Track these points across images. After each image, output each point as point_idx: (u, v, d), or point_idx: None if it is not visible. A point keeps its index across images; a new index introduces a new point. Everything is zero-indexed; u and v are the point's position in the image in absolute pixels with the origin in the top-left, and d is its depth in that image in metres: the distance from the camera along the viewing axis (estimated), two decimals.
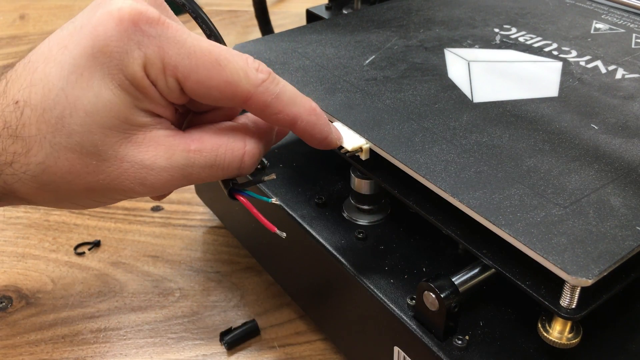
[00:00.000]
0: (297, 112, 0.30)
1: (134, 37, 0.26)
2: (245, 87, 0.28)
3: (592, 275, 0.27)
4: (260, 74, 0.29)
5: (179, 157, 0.28)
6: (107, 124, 0.27)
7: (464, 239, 0.32)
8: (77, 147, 0.27)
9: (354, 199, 0.42)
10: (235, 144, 0.30)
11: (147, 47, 0.26)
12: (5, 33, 0.96)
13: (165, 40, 0.27)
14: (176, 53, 0.27)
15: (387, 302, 0.35)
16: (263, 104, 0.29)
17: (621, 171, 0.33)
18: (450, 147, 0.35)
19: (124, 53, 0.26)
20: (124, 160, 0.27)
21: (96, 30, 0.26)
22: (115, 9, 0.26)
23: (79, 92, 0.26)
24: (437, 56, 0.45)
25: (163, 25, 0.27)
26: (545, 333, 0.31)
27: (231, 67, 0.28)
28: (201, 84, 0.28)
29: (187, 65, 0.27)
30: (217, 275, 0.54)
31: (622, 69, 0.43)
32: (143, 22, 0.26)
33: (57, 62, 0.26)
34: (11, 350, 0.47)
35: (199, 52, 0.27)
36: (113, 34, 0.26)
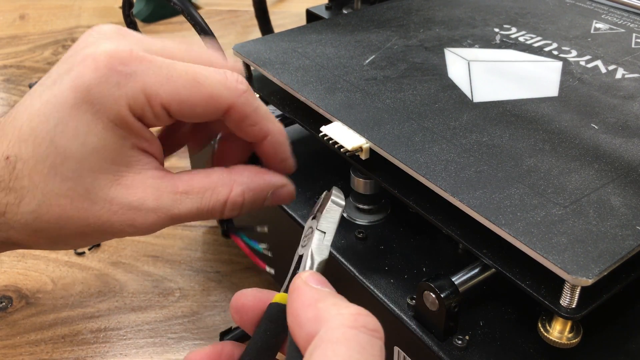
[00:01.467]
0: (271, 129, 0.31)
1: (112, 79, 0.27)
2: (227, 98, 0.29)
3: (592, 275, 0.26)
4: (240, 85, 0.30)
5: (166, 198, 0.29)
6: (97, 168, 0.28)
7: (464, 239, 0.32)
8: (69, 193, 0.28)
9: (354, 199, 0.42)
10: (222, 188, 0.31)
11: (126, 86, 0.27)
12: (5, 33, 0.96)
13: (141, 74, 0.27)
14: (155, 82, 0.28)
15: (387, 302, 0.35)
16: (243, 114, 0.30)
17: (621, 171, 0.33)
18: (450, 147, 0.35)
19: (105, 97, 0.27)
20: (113, 203, 0.28)
21: (75, 82, 0.27)
22: (90, 57, 0.27)
23: (68, 142, 0.27)
24: (437, 56, 0.45)
25: (136, 60, 0.28)
26: (545, 333, 0.31)
27: (210, 82, 0.29)
28: (185, 104, 0.28)
29: (168, 90, 0.28)
30: (217, 275, 0.54)
31: (622, 68, 0.43)
32: (117, 63, 0.27)
33: (42, 117, 0.27)
34: (11, 350, 0.47)
35: (176, 75, 0.28)
36: (92, 82, 0.27)
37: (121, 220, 0.29)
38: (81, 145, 0.27)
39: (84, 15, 1.02)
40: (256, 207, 0.32)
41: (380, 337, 0.23)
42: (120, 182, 0.28)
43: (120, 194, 0.28)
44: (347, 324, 0.23)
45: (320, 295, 0.25)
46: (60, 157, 0.27)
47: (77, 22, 1.00)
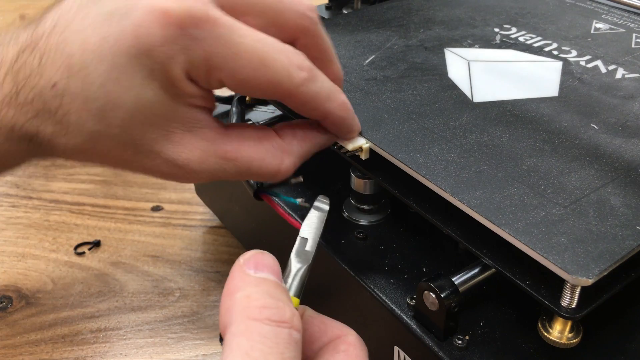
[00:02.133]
0: (330, 108, 0.31)
1: (180, 41, 0.26)
2: (288, 86, 0.28)
3: (593, 275, 0.26)
4: (302, 73, 0.29)
5: (212, 162, 0.29)
6: (147, 122, 0.27)
7: (464, 239, 0.32)
8: (116, 138, 0.27)
9: (354, 199, 0.42)
10: (272, 160, 0.30)
11: (192, 52, 0.26)
12: None
13: (211, 43, 0.26)
14: (222, 55, 0.26)
15: (387, 302, 0.35)
16: (302, 101, 0.30)
17: (621, 171, 0.33)
18: (450, 147, 0.35)
19: (168, 58, 0.26)
20: (159, 156, 0.28)
21: (139, 31, 0.25)
22: (160, 9, 0.25)
23: (120, 91, 0.26)
24: (437, 56, 0.45)
25: (210, 24, 0.26)
26: (545, 333, 0.31)
27: (275, 67, 0.28)
28: (245, 83, 0.28)
29: (232, 67, 0.27)
30: (217, 275, 0.54)
31: (622, 68, 0.43)
32: (189, 24, 0.25)
33: (95, 54, 0.26)
34: (11, 350, 0.47)
35: (244, 53, 0.27)
36: (157, 39, 0.25)
37: (163, 172, 0.29)
38: (135, 97, 0.26)
39: None
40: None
41: (288, 327, 0.24)
42: (169, 138, 0.28)
43: (167, 150, 0.28)
44: (251, 316, 0.23)
45: (243, 283, 0.25)
46: (111, 104, 0.26)
47: None
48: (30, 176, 0.67)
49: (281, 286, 0.26)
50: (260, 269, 0.26)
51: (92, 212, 0.61)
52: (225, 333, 0.24)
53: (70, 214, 0.61)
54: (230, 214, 0.54)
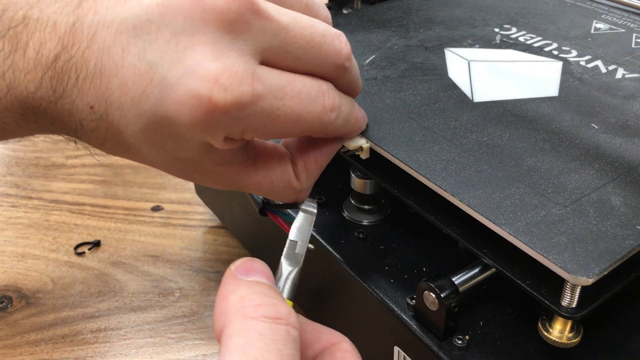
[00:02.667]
0: (345, 132, 0.32)
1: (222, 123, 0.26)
2: (317, 129, 0.30)
3: (593, 275, 0.26)
4: (332, 114, 0.29)
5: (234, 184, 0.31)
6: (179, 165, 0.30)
7: (464, 239, 0.32)
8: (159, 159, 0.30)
9: (354, 199, 0.42)
10: (288, 197, 0.32)
11: (233, 127, 0.27)
12: None
13: (254, 117, 0.26)
14: (261, 124, 0.27)
15: (387, 302, 0.35)
16: (324, 134, 0.31)
17: (621, 170, 0.33)
18: (451, 147, 0.35)
19: (207, 136, 0.27)
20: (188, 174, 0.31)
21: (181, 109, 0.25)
22: (206, 97, 0.25)
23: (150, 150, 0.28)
24: (437, 56, 0.45)
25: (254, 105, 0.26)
26: (545, 332, 0.31)
27: (310, 120, 0.28)
28: (276, 136, 0.29)
29: (270, 129, 0.28)
30: (217, 275, 0.54)
31: (622, 68, 0.43)
32: (236, 110, 0.26)
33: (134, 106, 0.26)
34: (11, 350, 0.47)
35: (283, 116, 0.27)
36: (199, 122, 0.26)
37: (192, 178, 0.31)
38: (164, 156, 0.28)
39: None
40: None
41: (285, 323, 0.24)
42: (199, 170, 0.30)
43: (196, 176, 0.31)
44: (246, 315, 0.24)
45: (236, 287, 0.25)
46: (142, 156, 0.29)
47: None
48: (30, 176, 0.67)
49: (274, 287, 0.26)
50: (252, 273, 0.26)
51: (92, 212, 0.61)
52: (220, 336, 0.24)
53: (70, 214, 0.61)
54: (230, 214, 0.54)
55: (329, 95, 0.29)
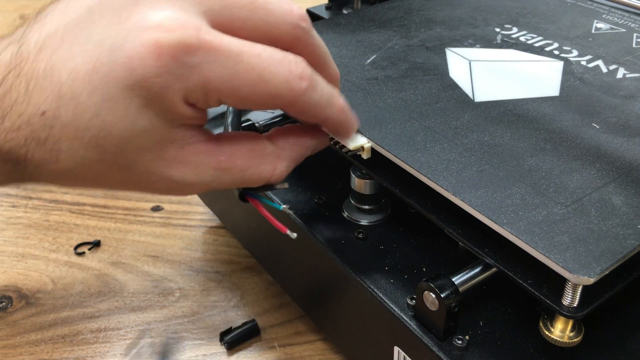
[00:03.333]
0: (329, 114, 0.31)
1: (175, 71, 0.25)
2: (288, 98, 0.28)
3: (594, 274, 0.26)
4: (303, 82, 0.28)
5: (207, 174, 0.29)
6: (141, 146, 0.27)
7: (465, 238, 0.32)
8: (109, 162, 0.27)
9: (354, 199, 0.42)
10: (266, 166, 0.31)
11: (189, 79, 0.26)
12: (6, 33, 0.96)
13: (207, 67, 0.26)
14: (219, 77, 0.26)
15: (387, 302, 0.35)
16: (302, 110, 0.30)
17: (622, 170, 0.33)
18: (452, 146, 0.35)
19: (164, 88, 0.26)
20: (154, 174, 0.28)
21: (132, 63, 0.25)
22: (152, 41, 0.25)
23: (114, 120, 0.26)
24: (438, 56, 0.45)
25: (204, 49, 0.26)
26: (546, 332, 0.31)
27: (275, 82, 0.27)
28: (245, 100, 0.28)
29: (231, 87, 0.27)
30: (217, 275, 0.54)
31: (623, 68, 0.43)
32: (183, 53, 0.25)
33: (86, 84, 0.26)
34: (11, 350, 0.47)
35: (242, 72, 0.27)
36: (151, 70, 0.25)
37: (160, 189, 0.29)
38: (130, 125, 0.26)
39: None
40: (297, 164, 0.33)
41: None
42: (162, 157, 0.28)
43: (162, 168, 0.28)
44: None
45: None
46: (104, 132, 0.26)
47: None
48: None
49: None
50: None
51: (92, 212, 0.61)
52: None
53: (70, 214, 0.61)
54: (230, 214, 0.54)
55: (296, 62, 0.28)
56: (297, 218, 0.41)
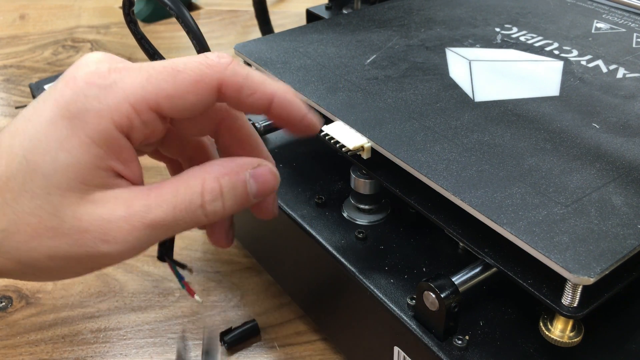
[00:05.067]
0: (272, 90, 0.29)
1: (90, 93, 0.26)
2: (213, 75, 0.28)
3: (594, 274, 0.26)
4: (222, 59, 0.28)
5: (137, 205, 0.27)
6: (65, 186, 0.26)
7: (465, 238, 0.32)
8: (38, 211, 0.26)
9: (354, 199, 0.42)
10: (194, 181, 0.29)
11: (107, 98, 0.26)
12: (5, 33, 0.96)
13: (121, 83, 0.26)
14: (137, 86, 0.27)
15: (387, 302, 0.35)
16: (236, 85, 0.28)
17: (622, 170, 0.33)
18: (452, 146, 0.35)
19: (85, 112, 0.26)
20: (83, 220, 0.27)
21: (56, 100, 0.26)
22: (71, 78, 0.27)
23: (38, 157, 0.26)
24: (438, 55, 0.45)
25: (114, 71, 0.27)
26: (546, 332, 0.31)
27: (191, 67, 0.27)
28: (172, 97, 0.27)
29: (151, 89, 0.27)
30: (217, 275, 0.54)
31: (623, 68, 0.43)
32: (95, 78, 0.26)
33: (20, 134, 0.27)
34: (11, 350, 0.47)
35: (155, 72, 0.27)
36: (71, 98, 0.26)
37: (92, 237, 0.27)
38: (51, 161, 0.26)
39: (84, 15, 1.02)
40: (240, 193, 0.29)
41: None
42: (88, 199, 0.27)
43: (89, 210, 0.27)
44: None
45: None
46: (30, 174, 0.26)
47: (77, 22, 1.00)
48: None
49: None
50: None
51: None
52: None
53: None
54: None
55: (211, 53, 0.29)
56: (290, 211, 0.41)
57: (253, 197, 0.30)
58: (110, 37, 0.95)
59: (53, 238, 0.27)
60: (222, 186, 0.29)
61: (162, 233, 0.28)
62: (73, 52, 0.90)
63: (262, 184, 0.30)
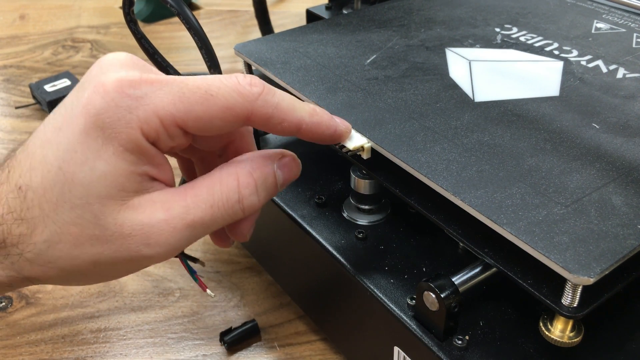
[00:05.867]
0: (299, 117, 0.30)
1: (122, 103, 0.26)
2: (243, 105, 0.28)
3: (594, 274, 0.26)
4: (254, 88, 0.28)
5: (176, 207, 0.28)
6: (105, 194, 0.27)
7: (465, 238, 0.32)
8: (79, 220, 0.27)
9: (354, 199, 0.42)
10: (229, 178, 0.29)
11: (137, 109, 0.26)
12: (5, 33, 0.96)
13: (152, 96, 0.27)
14: (168, 102, 0.27)
15: (387, 302, 0.35)
16: (265, 116, 0.29)
17: (622, 170, 0.33)
18: (452, 147, 0.35)
19: (116, 122, 0.26)
20: (124, 226, 0.27)
21: (86, 109, 0.26)
22: (100, 84, 0.27)
23: (75, 168, 0.26)
24: (438, 56, 0.45)
25: (146, 83, 0.27)
26: (546, 332, 0.31)
27: (223, 93, 0.28)
28: (201, 120, 0.28)
29: (182, 108, 0.27)
30: (217, 275, 0.54)
31: (623, 68, 0.43)
32: (127, 87, 0.27)
33: (53, 144, 0.27)
34: (11, 350, 0.47)
35: (189, 92, 0.27)
36: (102, 107, 0.26)
37: (135, 241, 0.27)
38: (89, 171, 0.26)
39: (84, 15, 1.02)
40: (270, 184, 0.31)
41: None
42: (127, 205, 0.27)
43: (130, 216, 0.27)
44: None
45: None
46: (69, 184, 0.26)
47: (77, 22, 1.00)
48: None
49: None
50: None
51: None
52: None
53: None
54: None
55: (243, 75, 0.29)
56: (290, 211, 0.41)
57: (280, 187, 0.31)
58: (110, 37, 0.95)
59: (96, 245, 0.27)
60: (256, 179, 0.30)
61: (202, 231, 0.29)
62: (73, 52, 0.90)
63: (287, 172, 0.32)
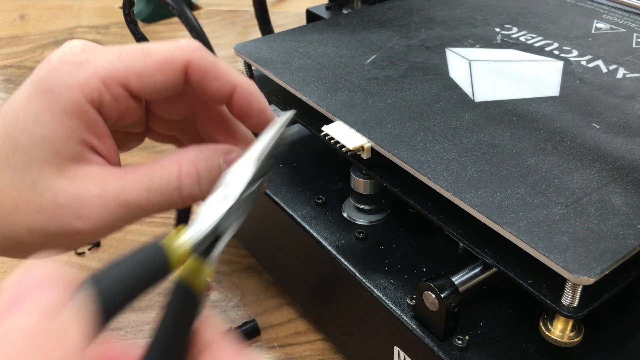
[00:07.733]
0: (236, 80, 0.30)
1: (62, 68, 0.27)
2: (181, 56, 0.29)
3: (594, 274, 0.26)
4: (193, 44, 0.29)
5: (112, 184, 0.28)
6: (42, 159, 0.27)
7: (465, 238, 0.32)
8: (19, 185, 0.27)
9: (354, 199, 0.42)
10: (170, 164, 0.29)
11: (78, 73, 0.27)
12: (5, 33, 0.96)
13: (93, 60, 0.28)
14: (107, 63, 0.28)
15: (387, 302, 0.35)
16: (202, 69, 0.29)
17: (622, 170, 0.33)
18: (452, 146, 0.35)
19: (56, 86, 0.27)
20: (59, 194, 0.28)
21: (31, 78, 0.28)
22: (47, 59, 0.28)
23: (18, 134, 0.27)
24: (438, 56, 0.45)
25: (87, 50, 0.28)
26: (546, 332, 0.31)
27: (161, 48, 0.29)
28: (142, 76, 0.28)
29: (121, 66, 0.28)
30: (217, 275, 0.54)
31: (622, 68, 0.43)
32: (68, 55, 0.28)
33: (3, 113, 0.28)
34: None
35: (126, 53, 0.28)
36: (44, 75, 0.27)
37: (67, 212, 0.27)
38: (29, 136, 0.27)
39: (84, 15, 1.02)
40: (214, 178, 0.29)
41: None
42: (64, 174, 0.28)
43: (65, 185, 0.28)
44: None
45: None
46: (12, 149, 0.27)
47: (77, 22, 1.00)
48: None
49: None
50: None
51: None
52: None
53: None
54: None
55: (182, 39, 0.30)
56: (290, 211, 0.41)
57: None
58: (110, 37, 0.95)
59: (32, 212, 0.28)
60: (199, 170, 0.30)
61: (137, 213, 0.29)
62: None
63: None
